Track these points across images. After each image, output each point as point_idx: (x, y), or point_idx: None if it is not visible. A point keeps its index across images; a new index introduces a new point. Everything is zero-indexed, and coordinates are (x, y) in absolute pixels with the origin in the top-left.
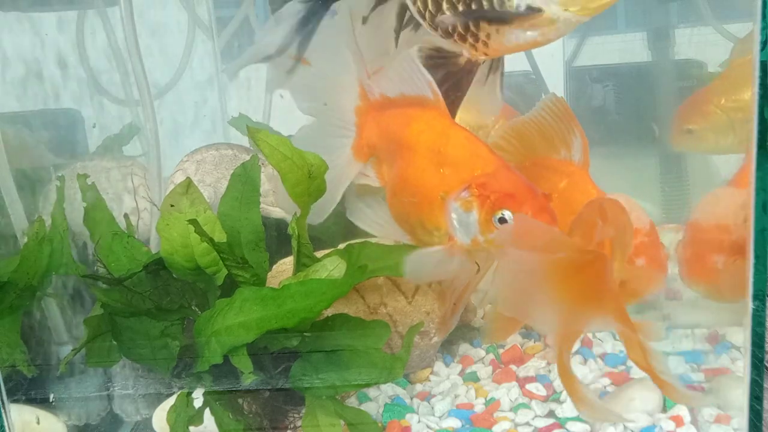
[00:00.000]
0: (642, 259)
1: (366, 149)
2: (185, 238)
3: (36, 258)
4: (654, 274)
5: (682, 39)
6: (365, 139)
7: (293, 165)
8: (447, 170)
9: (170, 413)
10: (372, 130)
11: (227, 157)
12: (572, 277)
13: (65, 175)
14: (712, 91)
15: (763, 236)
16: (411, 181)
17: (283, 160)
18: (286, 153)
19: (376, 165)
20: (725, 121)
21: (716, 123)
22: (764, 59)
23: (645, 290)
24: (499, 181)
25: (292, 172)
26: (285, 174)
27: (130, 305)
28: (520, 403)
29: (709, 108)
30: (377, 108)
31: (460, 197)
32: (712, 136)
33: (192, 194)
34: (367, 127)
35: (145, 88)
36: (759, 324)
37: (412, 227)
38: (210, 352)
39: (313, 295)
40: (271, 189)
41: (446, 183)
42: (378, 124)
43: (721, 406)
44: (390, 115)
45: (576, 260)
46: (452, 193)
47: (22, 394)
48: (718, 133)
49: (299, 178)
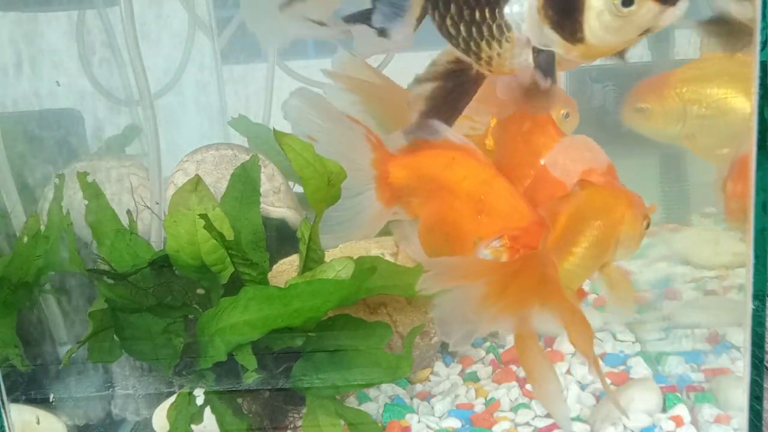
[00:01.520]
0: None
1: (394, 195)
2: (192, 236)
3: (29, 254)
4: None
5: (682, 39)
6: (391, 186)
7: (315, 171)
8: (485, 218)
9: (170, 411)
10: (398, 173)
11: (227, 157)
12: (508, 282)
13: (65, 174)
14: (674, 77)
15: (763, 236)
16: (447, 221)
17: (306, 166)
18: (309, 159)
19: (406, 202)
20: (679, 109)
21: (669, 108)
22: (764, 59)
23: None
24: (530, 236)
25: (313, 179)
26: (307, 180)
27: (134, 301)
28: (520, 403)
29: (667, 92)
30: (397, 153)
31: (491, 245)
32: (661, 120)
33: (201, 192)
34: (392, 173)
35: (145, 88)
36: (759, 324)
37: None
38: (214, 349)
39: (320, 295)
40: (271, 189)
41: (482, 229)
42: (405, 167)
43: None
44: (426, 156)
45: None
46: (485, 240)
47: (21, 393)
48: (668, 120)
49: (319, 185)
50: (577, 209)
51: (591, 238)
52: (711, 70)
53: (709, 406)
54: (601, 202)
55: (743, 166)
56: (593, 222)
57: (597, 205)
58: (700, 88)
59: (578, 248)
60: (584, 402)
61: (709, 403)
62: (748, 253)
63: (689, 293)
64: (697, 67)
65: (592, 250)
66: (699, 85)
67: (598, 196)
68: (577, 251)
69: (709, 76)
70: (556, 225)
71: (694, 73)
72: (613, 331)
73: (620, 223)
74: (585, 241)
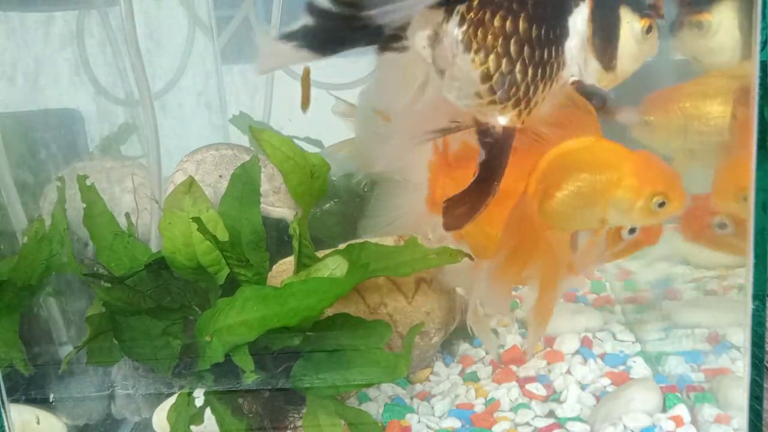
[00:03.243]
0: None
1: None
2: (187, 237)
3: (34, 257)
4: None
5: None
6: (440, 194)
7: (296, 165)
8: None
9: (171, 412)
10: (448, 185)
11: (227, 157)
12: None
13: (65, 175)
14: (680, 92)
15: (763, 236)
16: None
17: (285, 161)
18: (288, 153)
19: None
20: (681, 124)
21: (672, 123)
22: (764, 59)
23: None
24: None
25: (294, 172)
26: (287, 174)
27: (132, 304)
28: (520, 403)
29: (672, 106)
30: (452, 161)
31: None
32: (664, 134)
33: (194, 193)
34: (442, 182)
35: (145, 88)
36: (759, 324)
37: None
38: (212, 350)
39: (316, 294)
40: (271, 189)
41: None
42: (454, 179)
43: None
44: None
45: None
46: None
47: (21, 393)
48: (671, 134)
49: (301, 178)
50: (568, 154)
51: (574, 187)
52: (714, 87)
53: (709, 406)
54: (598, 158)
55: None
56: (579, 173)
57: (591, 159)
58: (702, 104)
59: (560, 193)
60: (584, 402)
61: (709, 403)
62: (748, 253)
63: (689, 293)
64: (703, 83)
65: (575, 200)
66: (701, 101)
67: (597, 152)
68: (559, 196)
69: (712, 93)
70: (542, 161)
71: (698, 89)
72: (613, 331)
73: (615, 186)
74: (567, 188)
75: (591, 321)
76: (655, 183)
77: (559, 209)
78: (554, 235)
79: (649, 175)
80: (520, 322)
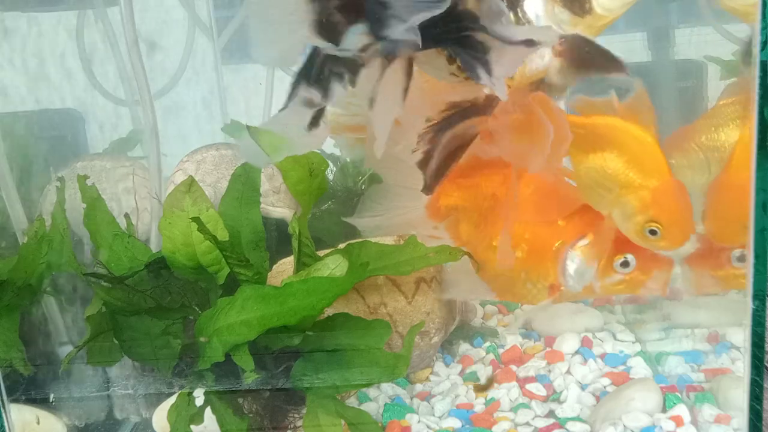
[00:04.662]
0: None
1: (443, 210)
2: (187, 237)
3: (34, 257)
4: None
5: (682, 39)
6: (443, 201)
7: (294, 162)
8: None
9: (171, 412)
10: (452, 193)
11: (227, 157)
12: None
13: (65, 175)
14: (694, 129)
15: (763, 236)
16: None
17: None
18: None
19: (452, 225)
20: (702, 159)
21: (694, 161)
22: (764, 59)
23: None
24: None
25: (293, 170)
26: (286, 172)
27: (132, 304)
28: (520, 403)
29: (689, 145)
30: (456, 169)
31: (578, 245)
32: (689, 173)
33: (194, 193)
34: (445, 190)
35: (145, 88)
36: (759, 324)
37: (510, 282)
38: (212, 350)
39: (315, 293)
40: (271, 189)
41: (561, 234)
42: (459, 186)
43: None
44: (484, 176)
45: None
46: (569, 242)
47: (21, 393)
48: (695, 171)
49: (301, 176)
50: (629, 135)
51: (604, 160)
52: (725, 115)
53: (709, 406)
54: (643, 159)
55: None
56: (617, 155)
57: (637, 155)
58: (717, 134)
59: (594, 156)
60: (584, 402)
61: (709, 403)
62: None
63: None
64: (713, 115)
65: (597, 172)
66: (716, 132)
67: (647, 154)
68: (592, 158)
69: (724, 121)
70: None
71: (710, 122)
72: (613, 331)
73: (632, 189)
74: (603, 156)
75: (591, 321)
76: (660, 210)
77: (587, 173)
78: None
79: (661, 200)
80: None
